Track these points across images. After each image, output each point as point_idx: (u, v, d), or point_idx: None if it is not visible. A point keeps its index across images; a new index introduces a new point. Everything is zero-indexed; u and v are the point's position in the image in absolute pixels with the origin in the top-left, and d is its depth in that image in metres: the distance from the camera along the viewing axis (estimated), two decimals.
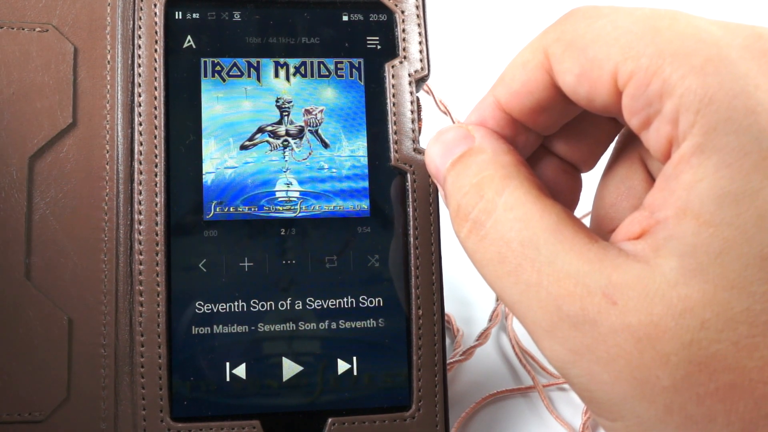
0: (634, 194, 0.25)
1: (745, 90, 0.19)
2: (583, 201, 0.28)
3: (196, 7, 0.35)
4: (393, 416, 0.33)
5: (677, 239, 0.19)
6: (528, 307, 0.22)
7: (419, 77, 0.35)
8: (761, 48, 0.20)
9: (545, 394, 0.42)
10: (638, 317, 0.20)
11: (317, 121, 0.35)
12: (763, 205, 0.19)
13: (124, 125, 0.34)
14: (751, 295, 0.19)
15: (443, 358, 0.34)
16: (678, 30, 0.20)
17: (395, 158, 0.35)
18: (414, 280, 0.34)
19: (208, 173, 0.34)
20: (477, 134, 0.25)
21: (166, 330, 0.32)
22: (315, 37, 0.35)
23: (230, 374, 0.32)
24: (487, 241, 0.23)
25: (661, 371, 0.19)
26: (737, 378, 0.19)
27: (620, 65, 0.21)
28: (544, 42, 0.23)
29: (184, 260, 0.33)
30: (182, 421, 0.32)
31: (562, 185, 0.27)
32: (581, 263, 0.21)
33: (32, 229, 0.33)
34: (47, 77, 0.34)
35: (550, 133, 0.26)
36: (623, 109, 0.21)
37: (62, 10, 0.35)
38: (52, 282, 0.33)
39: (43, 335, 0.32)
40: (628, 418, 0.21)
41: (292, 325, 0.33)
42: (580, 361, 0.21)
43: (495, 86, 0.25)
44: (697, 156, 0.19)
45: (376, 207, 0.34)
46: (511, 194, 0.23)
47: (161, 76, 0.34)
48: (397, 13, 0.36)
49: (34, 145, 0.33)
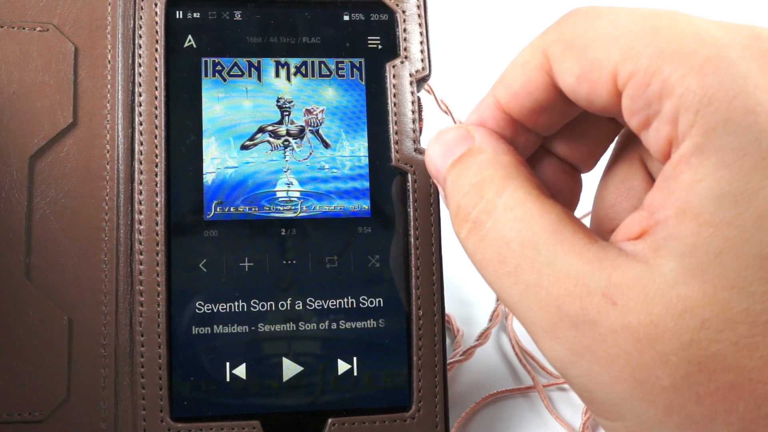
0: (634, 194, 0.25)
1: (744, 90, 0.19)
2: (583, 201, 0.28)
3: (197, 7, 0.35)
4: (393, 416, 0.33)
5: (677, 239, 0.19)
6: (528, 307, 0.22)
7: (420, 77, 0.35)
8: (761, 48, 0.20)
9: (545, 394, 0.42)
10: (638, 317, 0.20)
11: (318, 121, 0.35)
12: (762, 205, 0.19)
13: (125, 125, 0.34)
14: (751, 295, 0.19)
15: (443, 358, 0.34)
16: (677, 30, 0.20)
17: (396, 158, 0.34)
18: (414, 281, 0.34)
19: (208, 173, 0.34)
20: (477, 134, 0.25)
21: (166, 330, 0.32)
22: (316, 36, 0.35)
23: (230, 374, 0.32)
24: (486, 241, 0.23)
25: (661, 371, 0.19)
26: (737, 378, 0.19)
27: (620, 66, 0.21)
28: (544, 42, 0.23)
29: (184, 260, 0.33)
30: (182, 421, 0.32)
31: (562, 186, 0.27)
32: (581, 263, 0.21)
33: (32, 229, 0.33)
34: (48, 77, 0.34)
35: (550, 133, 0.26)
36: (623, 110, 0.21)
37: (63, 9, 0.35)
38: (52, 282, 0.33)
39: (43, 335, 0.32)
40: (628, 418, 0.21)
41: (292, 326, 0.33)
42: (580, 361, 0.21)
43: (495, 87, 0.25)
44: (696, 156, 0.19)
45: (376, 207, 0.34)
46: (511, 194, 0.23)
47: (162, 76, 0.34)
48: (398, 13, 0.36)
49: (35, 144, 0.33)
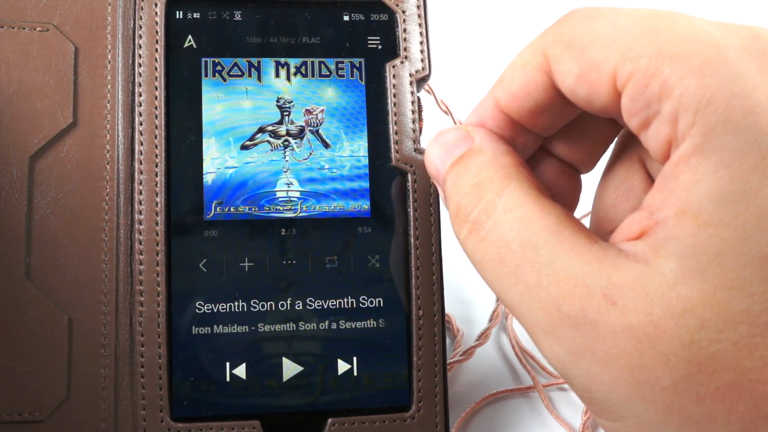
0: (634, 195, 0.25)
1: (743, 90, 0.19)
2: (583, 201, 0.28)
3: (197, 7, 0.35)
4: (393, 416, 0.33)
5: (676, 240, 0.19)
6: (528, 307, 0.22)
7: (420, 77, 0.35)
8: (760, 48, 0.20)
9: (545, 394, 0.42)
10: (638, 317, 0.20)
11: (318, 121, 0.35)
12: (762, 206, 0.19)
13: (125, 125, 0.34)
14: (751, 295, 0.19)
15: (443, 358, 0.34)
16: (677, 31, 0.20)
17: (396, 158, 0.34)
18: (414, 281, 0.34)
19: (208, 173, 0.34)
20: (477, 135, 0.25)
21: (166, 330, 0.32)
22: (316, 36, 0.35)
23: (230, 374, 0.33)
24: (486, 241, 0.23)
25: (661, 371, 0.19)
26: (737, 378, 0.19)
27: (619, 66, 0.21)
28: (543, 43, 0.23)
29: (184, 260, 0.33)
30: (182, 421, 0.32)
31: (562, 186, 0.27)
32: (581, 264, 0.21)
33: (32, 229, 0.33)
34: (48, 77, 0.34)
35: (550, 134, 0.26)
36: (622, 110, 0.21)
37: (63, 9, 0.35)
38: (52, 282, 0.33)
39: (43, 335, 0.32)
40: (628, 418, 0.21)
41: (292, 326, 0.33)
42: (580, 361, 0.21)
43: (494, 88, 0.25)
44: (696, 156, 0.19)
45: (376, 207, 0.34)
46: (511, 195, 0.23)
47: (162, 76, 0.34)
48: (398, 13, 0.36)
49: (35, 144, 0.33)
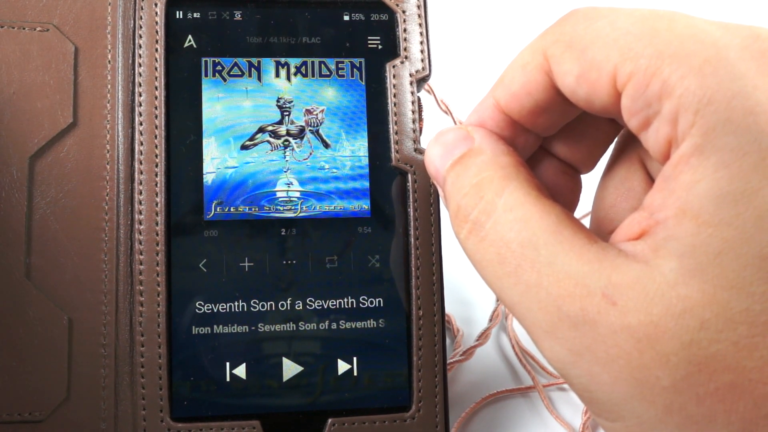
0: (634, 195, 0.25)
1: (743, 90, 0.19)
2: (583, 202, 0.28)
3: (197, 7, 0.35)
4: (393, 416, 0.33)
5: (676, 240, 0.19)
6: (528, 307, 0.22)
7: (420, 77, 0.35)
8: (760, 48, 0.20)
9: (545, 394, 0.42)
10: (638, 318, 0.20)
11: (318, 121, 0.35)
12: (762, 206, 0.19)
13: (125, 125, 0.34)
14: (751, 295, 0.19)
15: (443, 358, 0.34)
16: (677, 31, 0.20)
17: (396, 158, 0.34)
18: (414, 281, 0.34)
19: (208, 173, 0.34)
20: (477, 135, 0.25)
21: (166, 330, 0.32)
22: (316, 36, 0.35)
23: (230, 374, 0.33)
24: (486, 242, 0.23)
25: (661, 371, 0.19)
26: (737, 378, 0.19)
27: (619, 66, 0.21)
28: (544, 43, 0.23)
29: (184, 260, 0.33)
30: (182, 421, 0.32)
31: (562, 186, 0.27)
32: (581, 264, 0.21)
33: (32, 229, 0.33)
34: (48, 77, 0.34)
35: (550, 134, 0.26)
36: (622, 110, 0.21)
37: (63, 9, 0.35)
38: (52, 282, 0.33)
39: (43, 335, 0.32)
40: (628, 418, 0.21)
41: (292, 326, 0.33)
42: (579, 361, 0.21)
43: (494, 88, 0.25)
44: (696, 156, 0.19)
45: (376, 207, 0.34)
46: (511, 195, 0.23)
47: (162, 76, 0.34)
48: (399, 13, 0.36)
49: (35, 144, 0.33)
